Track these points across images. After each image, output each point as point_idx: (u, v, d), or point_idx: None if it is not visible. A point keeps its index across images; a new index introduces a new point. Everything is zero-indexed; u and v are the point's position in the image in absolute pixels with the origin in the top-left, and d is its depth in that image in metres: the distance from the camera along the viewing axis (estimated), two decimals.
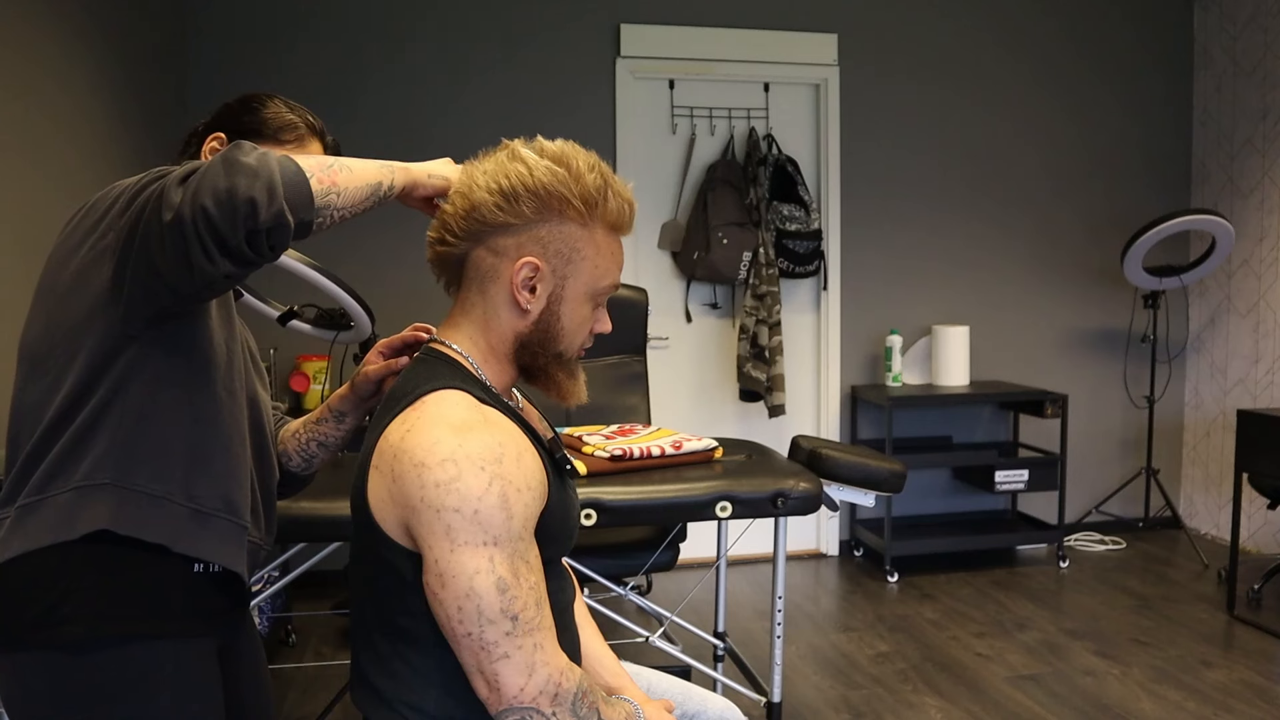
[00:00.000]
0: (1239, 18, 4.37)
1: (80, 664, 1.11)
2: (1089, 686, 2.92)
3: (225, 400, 1.23)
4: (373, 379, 1.42)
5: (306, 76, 3.83)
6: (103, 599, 1.12)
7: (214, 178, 1.02)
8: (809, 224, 4.09)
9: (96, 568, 1.12)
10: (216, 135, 1.38)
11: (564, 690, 1.09)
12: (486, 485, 1.05)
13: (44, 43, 2.45)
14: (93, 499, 1.12)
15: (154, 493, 1.15)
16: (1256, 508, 4.28)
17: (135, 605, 1.14)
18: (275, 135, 1.38)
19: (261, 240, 1.03)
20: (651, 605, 2.49)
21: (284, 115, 1.40)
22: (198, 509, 1.18)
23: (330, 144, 1.47)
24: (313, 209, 1.07)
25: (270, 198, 1.01)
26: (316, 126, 1.44)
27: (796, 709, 2.81)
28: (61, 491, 1.12)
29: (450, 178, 1.24)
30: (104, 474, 1.13)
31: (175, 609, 1.17)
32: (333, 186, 1.10)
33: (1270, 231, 4.22)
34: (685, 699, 1.47)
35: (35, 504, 1.12)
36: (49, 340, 1.16)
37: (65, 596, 1.11)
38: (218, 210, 1.00)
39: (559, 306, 1.20)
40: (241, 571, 1.23)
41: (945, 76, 4.36)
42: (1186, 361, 4.70)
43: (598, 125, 4.06)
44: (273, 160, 1.05)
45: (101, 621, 1.12)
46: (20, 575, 1.11)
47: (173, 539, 1.15)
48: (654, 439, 2.21)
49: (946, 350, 4.20)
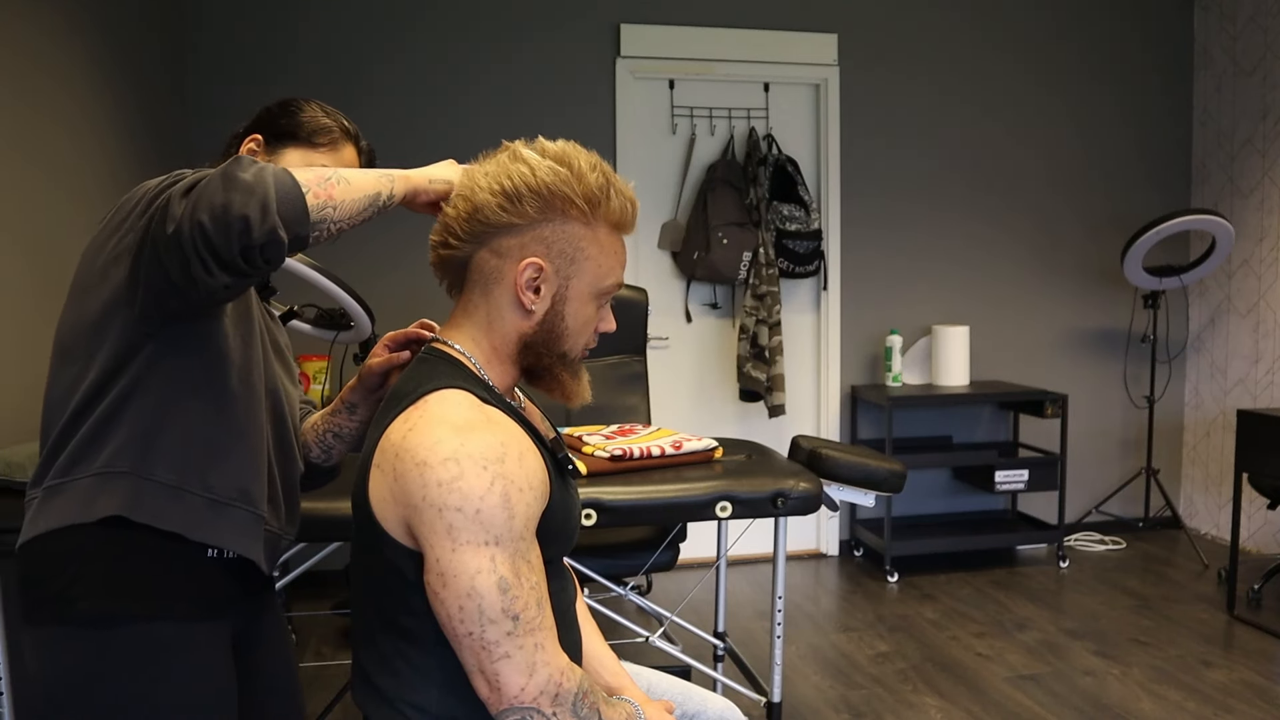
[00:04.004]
0: (1239, 18, 4.37)
1: (93, 640, 1.16)
2: (1089, 686, 2.93)
3: (241, 394, 1.27)
4: (376, 372, 1.44)
5: (307, 76, 3.83)
6: (115, 580, 1.17)
7: (211, 193, 1.05)
8: (809, 224, 4.10)
9: (111, 550, 1.18)
10: (254, 137, 1.43)
11: (565, 690, 1.09)
12: (488, 485, 1.05)
13: (44, 42, 2.45)
14: (111, 486, 1.17)
15: (171, 483, 1.20)
16: (1256, 508, 4.28)
17: (146, 587, 1.19)
18: (310, 139, 1.43)
19: (256, 255, 1.06)
20: (651, 605, 2.49)
21: (319, 119, 1.44)
22: (214, 499, 1.23)
23: (365, 148, 1.51)
24: (308, 223, 1.10)
25: (263, 215, 1.04)
26: (351, 131, 1.48)
27: (796, 709, 2.81)
28: (83, 477, 1.18)
29: (453, 181, 1.25)
30: (124, 463, 1.18)
31: (186, 592, 1.22)
32: (329, 200, 1.12)
33: (1270, 231, 4.23)
34: (685, 699, 1.47)
35: (59, 486, 1.19)
36: (75, 333, 1.21)
37: (80, 575, 1.16)
38: (213, 226, 1.04)
39: (563, 306, 1.20)
40: (257, 559, 1.27)
41: (945, 76, 4.36)
42: (1186, 361, 4.70)
43: (598, 125, 4.06)
44: (269, 176, 1.07)
45: (113, 601, 1.17)
46: (43, 553, 1.18)
47: (189, 528, 1.20)
48: (654, 439, 2.21)
49: (946, 350, 4.20)
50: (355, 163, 1.48)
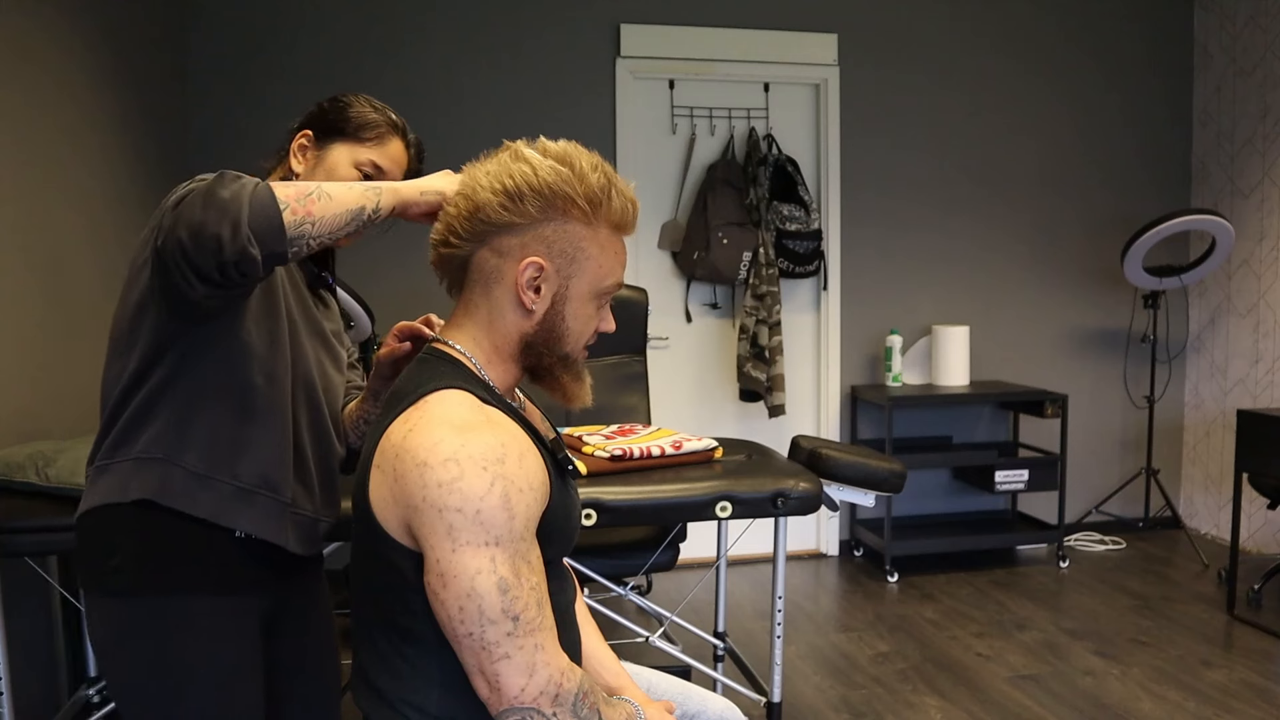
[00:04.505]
0: (1239, 18, 4.37)
1: (128, 608, 1.28)
2: (1089, 686, 2.93)
3: (263, 387, 1.33)
4: (384, 362, 1.48)
5: (307, 76, 3.83)
6: (146, 555, 1.28)
7: (191, 211, 1.12)
8: (809, 224, 4.09)
9: (141, 529, 1.28)
10: (305, 133, 1.49)
11: (565, 691, 1.09)
12: (489, 485, 1.05)
13: (44, 42, 2.45)
14: (145, 471, 1.28)
15: (200, 471, 1.29)
16: (1256, 508, 4.28)
17: (175, 563, 1.29)
18: (356, 134, 1.47)
19: (231, 270, 1.12)
20: (651, 605, 2.50)
21: (366, 114, 1.48)
22: (241, 487, 1.31)
23: (413, 141, 1.54)
24: (284, 239, 1.14)
25: (234, 234, 1.10)
26: (399, 125, 1.51)
27: (796, 709, 2.81)
28: (124, 460, 1.29)
29: (445, 191, 1.27)
30: (159, 449, 1.28)
31: (209, 571, 1.31)
32: (307, 216, 1.17)
33: (1270, 231, 4.23)
34: (685, 699, 1.47)
35: (105, 467, 1.31)
36: (119, 327, 1.32)
37: (115, 550, 1.28)
38: (191, 243, 1.11)
39: (564, 306, 1.20)
40: (282, 542, 1.35)
41: (945, 76, 4.36)
42: (1186, 361, 4.70)
43: (598, 125, 4.06)
44: (246, 195, 1.13)
45: (144, 573, 1.28)
46: (89, 527, 1.30)
47: (215, 514, 1.30)
48: (654, 439, 2.21)
49: (946, 350, 4.20)
50: (403, 156, 1.52)
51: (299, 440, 1.41)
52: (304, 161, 1.48)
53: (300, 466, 1.41)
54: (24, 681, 2.25)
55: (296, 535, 1.39)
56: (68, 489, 1.91)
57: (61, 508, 1.87)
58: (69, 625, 2.51)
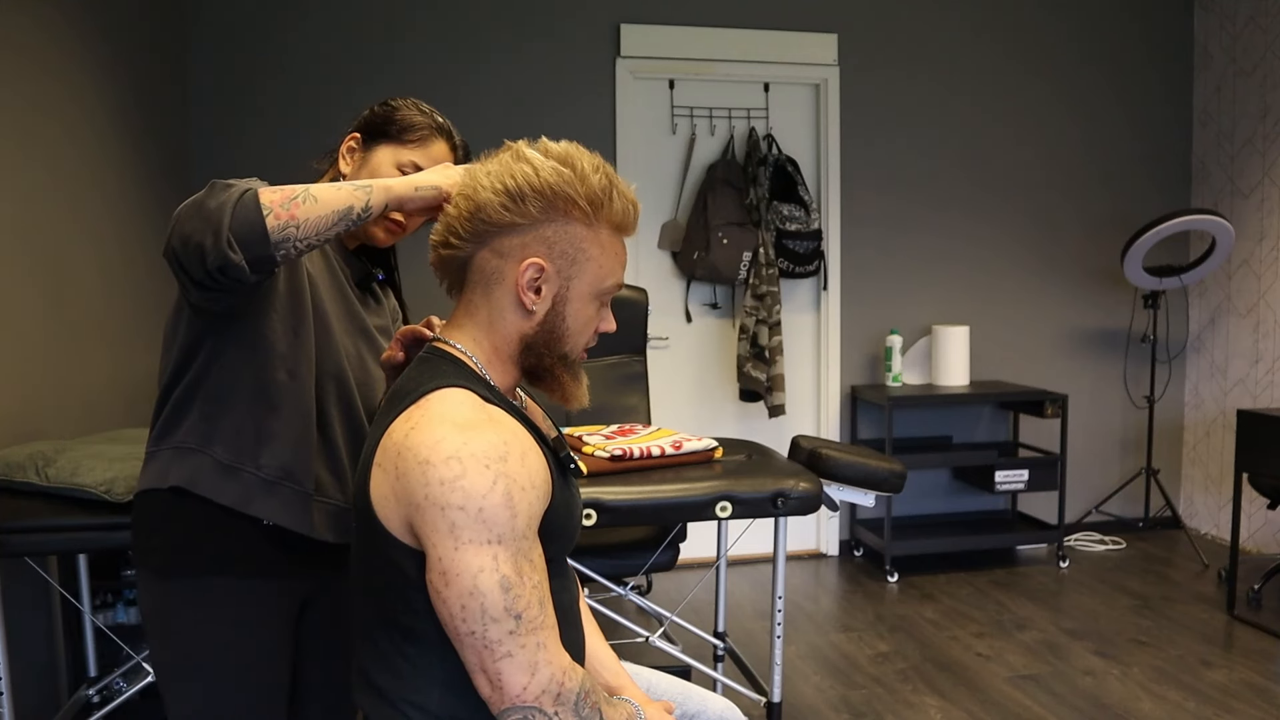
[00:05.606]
0: (1239, 18, 4.37)
1: (166, 587, 1.37)
2: (1089, 686, 2.93)
3: (285, 382, 1.39)
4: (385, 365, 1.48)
5: (306, 76, 3.83)
6: (179, 538, 1.37)
7: (183, 219, 1.19)
8: (809, 224, 4.10)
9: (177, 513, 1.37)
10: (353, 135, 1.55)
11: (566, 690, 1.09)
12: (491, 483, 1.05)
13: (44, 42, 2.45)
14: (182, 459, 1.37)
15: (227, 462, 1.37)
16: (1256, 508, 4.28)
17: (205, 547, 1.37)
18: (399, 136, 1.52)
19: (218, 275, 1.19)
20: (651, 605, 2.50)
21: (411, 117, 1.53)
22: (264, 478, 1.38)
23: (459, 143, 1.59)
24: (268, 244, 1.19)
25: (215, 242, 1.16)
26: (444, 127, 1.56)
27: (796, 709, 2.81)
28: (165, 448, 1.39)
29: (442, 185, 1.29)
30: (193, 439, 1.37)
31: (236, 556, 1.38)
32: (291, 220, 1.21)
33: (1270, 231, 4.23)
34: (685, 699, 1.47)
35: (153, 454, 1.40)
36: (167, 324, 1.42)
37: (155, 531, 1.38)
38: (181, 251, 1.19)
39: (564, 307, 1.20)
40: (305, 531, 1.41)
41: (945, 76, 4.36)
42: (1186, 361, 4.70)
43: (598, 125, 4.06)
44: (231, 203, 1.18)
45: (177, 555, 1.37)
46: (139, 506, 1.40)
47: (241, 503, 1.37)
48: (654, 439, 2.21)
49: (946, 350, 4.20)
50: (447, 158, 1.56)
51: (329, 432, 1.47)
52: (351, 163, 1.54)
53: (332, 457, 1.47)
54: (24, 681, 2.25)
55: (327, 524, 1.45)
56: (68, 489, 1.90)
57: (61, 508, 1.87)
58: (69, 625, 2.50)
